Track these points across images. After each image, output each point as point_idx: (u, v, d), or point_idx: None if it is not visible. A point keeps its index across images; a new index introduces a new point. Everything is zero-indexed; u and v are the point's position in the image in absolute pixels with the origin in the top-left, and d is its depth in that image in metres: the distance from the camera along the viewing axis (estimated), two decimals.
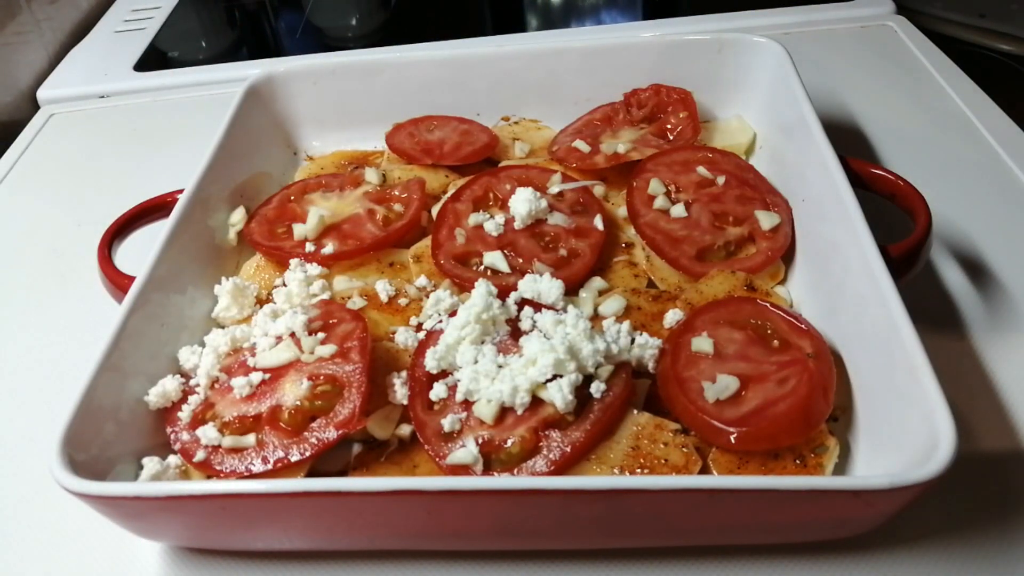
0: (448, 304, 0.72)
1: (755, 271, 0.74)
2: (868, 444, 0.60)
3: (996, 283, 0.78)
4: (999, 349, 0.71)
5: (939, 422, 0.51)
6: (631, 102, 0.94)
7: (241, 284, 0.76)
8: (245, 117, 0.90)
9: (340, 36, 1.45)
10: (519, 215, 0.78)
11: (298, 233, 0.81)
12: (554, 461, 0.58)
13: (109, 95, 1.25)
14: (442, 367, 0.65)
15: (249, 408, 0.64)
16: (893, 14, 1.22)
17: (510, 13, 1.47)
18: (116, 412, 0.62)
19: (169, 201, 0.79)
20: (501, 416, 0.61)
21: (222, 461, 0.61)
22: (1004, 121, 0.97)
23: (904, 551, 0.59)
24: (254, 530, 0.58)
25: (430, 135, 0.94)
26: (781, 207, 0.78)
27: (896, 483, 0.48)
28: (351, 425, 0.60)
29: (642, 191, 0.81)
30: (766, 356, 0.64)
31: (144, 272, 0.69)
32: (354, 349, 0.65)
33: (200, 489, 0.53)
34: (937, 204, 0.72)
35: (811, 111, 0.78)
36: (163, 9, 1.47)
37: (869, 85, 1.07)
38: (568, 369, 0.61)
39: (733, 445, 0.59)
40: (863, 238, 0.64)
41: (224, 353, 0.69)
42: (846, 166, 0.72)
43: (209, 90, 1.22)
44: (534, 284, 0.71)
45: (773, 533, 0.58)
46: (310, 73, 0.96)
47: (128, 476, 0.61)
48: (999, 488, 0.62)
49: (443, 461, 0.59)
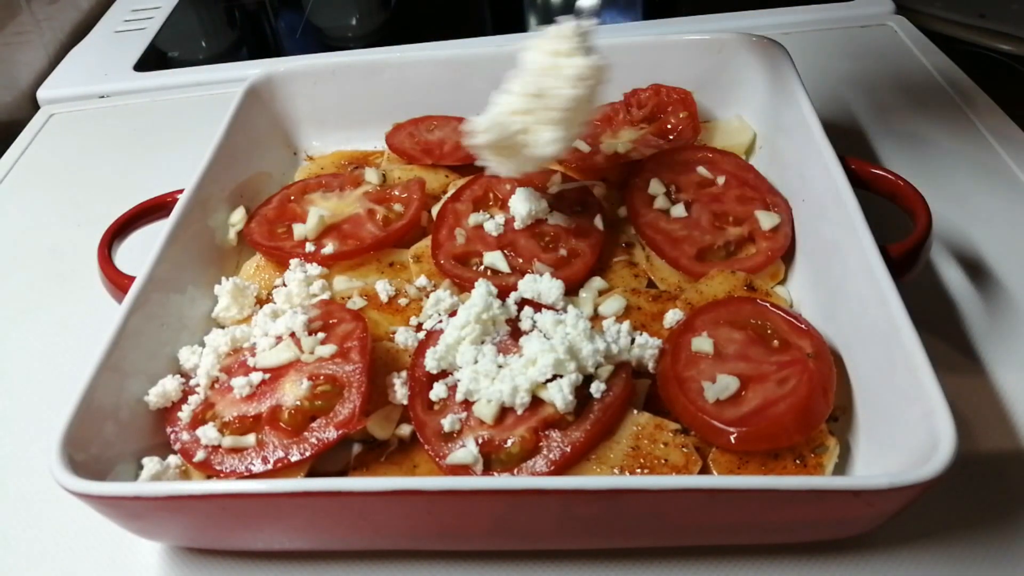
0: (448, 304, 0.72)
1: (755, 271, 0.74)
2: (868, 444, 0.60)
3: (996, 283, 0.78)
4: (999, 349, 0.71)
5: (939, 422, 0.51)
6: (631, 102, 0.94)
7: (241, 284, 0.76)
8: (245, 117, 0.90)
9: (340, 36, 1.45)
10: (519, 215, 0.78)
11: (298, 233, 0.81)
12: (554, 461, 0.58)
13: (109, 95, 1.25)
14: (442, 367, 0.65)
15: (249, 408, 0.64)
16: (893, 14, 1.22)
17: (510, 13, 1.47)
18: (116, 412, 0.62)
19: (169, 201, 0.79)
20: (501, 416, 0.61)
21: (222, 461, 0.61)
22: (1004, 121, 0.97)
23: (904, 551, 0.59)
24: (254, 530, 0.58)
25: (430, 135, 0.94)
26: (781, 207, 0.78)
27: (896, 483, 0.48)
28: (351, 425, 0.60)
29: (642, 191, 0.81)
30: (766, 356, 0.64)
31: (144, 272, 0.69)
32: (354, 349, 0.65)
33: (200, 489, 0.53)
34: (937, 204, 0.72)
35: (811, 111, 0.78)
36: (163, 9, 1.47)
37: (869, 85, 1.07)
38: (568, 369, 0.61)
39: (733, 445, 0.59)
40: (863, 238, 0.64)
41: (224, 353, 0.69)
42: (846, 166, 0.72)
43: (209, 90, 1.22)
44: (534, 284, 0.71)
45: (773, 533, 0.58)
46: (310, 73, 0.96)
47: (128, 476, 0.61)
48: (999, 488, 0.62)
49: (443, 461, 0.59)
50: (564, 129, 0.70)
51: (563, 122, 0.70)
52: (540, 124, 0.70)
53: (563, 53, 0.69)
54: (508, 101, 0.71)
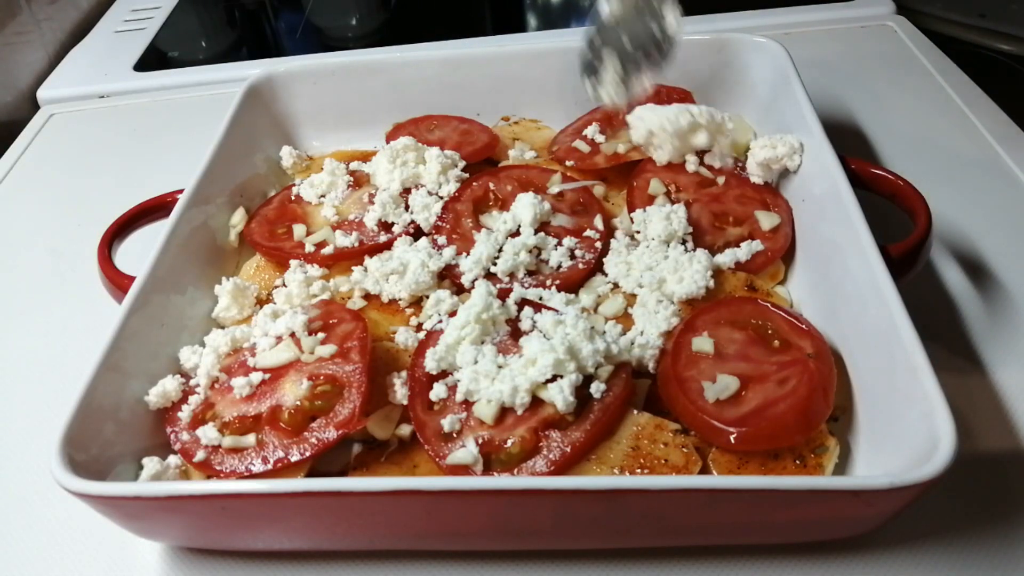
0: (448, 304, 0.72)
1: (755, 271, 0.74)
2: (868, 444, 0.60)
3: (996, 283, 0.78)
4: (999, 349, 0.71)
5: (939, 422, 0.51)
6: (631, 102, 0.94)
7: (241, 284, 0.76)
8: (245, 117, 0.90)
9: (340, 36, 1.45)
10: (524, 220, 0.78)
11: (298, 233, 0.81)
12: (554, 461, 0.58)
13: (109, 95, 1.25)
14: (442, 367, 0.65)
15: (249, 408, 0.64)
16: (893, 14, 1.22)
17: (510, 13, 1.47)
18: (116, 412, 0.62)
19: (169, 201, 0.79)
20: (501, 416, 0.61)
21: (222, 461, 0.61)
22: (1004, 121, 0.97)
23: (904, 551, 0.59)
24: (254, 530, 0.58)
25: (430, 135, 0.93)
26: (781, 207, 0.78)
27: (896, 483, 0.48)
28: (351, 425, 0.60)
29: (642, 191, 0.81)
30: (766, 356, 0.64)
31: (144, 272, 0.69)
32: (354, 349, 0.65)
33: (200, 489, 0.54)
34: (937, 204, 0.72)
35: (811, 111, 0.78)
36: (163, 9, 1.47)
37: (869, 85, 1.07)
38: (568, 369, 0.61)
39: (733, 445, 0.59)
40: (863, 238, 0.64)
41: (224, 353, 0.69)
42: (846, 166, 0.72)
43: (209, 90, 1.22)
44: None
45: (773, 533, 0.58)
46: (310, 73, 0.96)
47: (128, 476, 0.61)
48: (999, 488, 0.62)
49: (443, 461, 0.59)
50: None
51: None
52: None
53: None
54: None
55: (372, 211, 0.81)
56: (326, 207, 0.83)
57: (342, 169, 0.87)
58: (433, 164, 0.84)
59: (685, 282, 0.70)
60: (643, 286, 0.71)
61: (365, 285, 0.75)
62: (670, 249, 0.74)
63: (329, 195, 0.85)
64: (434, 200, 0.82)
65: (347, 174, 0.87)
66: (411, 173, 0.84)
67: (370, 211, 0.81)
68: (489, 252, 0.75)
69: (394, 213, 0.81)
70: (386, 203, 0.80)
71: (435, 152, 0.85)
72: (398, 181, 0.83)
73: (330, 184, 0.85)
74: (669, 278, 0.71)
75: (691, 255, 0.72)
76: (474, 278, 0.74)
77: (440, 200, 0.82)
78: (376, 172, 0.85)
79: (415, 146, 0.86)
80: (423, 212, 0.81)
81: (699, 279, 0.70)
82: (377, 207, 0.80)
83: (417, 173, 0.84)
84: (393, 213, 0.80)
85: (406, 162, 0.84)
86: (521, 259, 0.74)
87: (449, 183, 0.83)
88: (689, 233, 0.76)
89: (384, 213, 0.80)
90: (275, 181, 0.92)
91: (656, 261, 0.73)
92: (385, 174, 0.84)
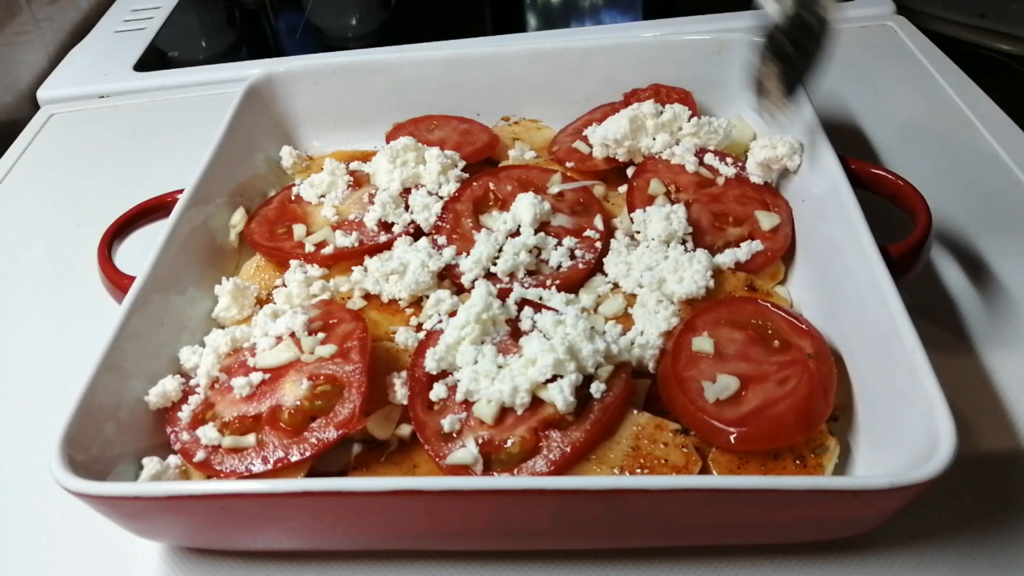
0: (448, 304, 0.72)
1: (755, 271, 0.74)
2: (868, 444, 0.60)
3: (996, 283, 0.78)
4: (999, 349, 0.71)
5: (939, 422, 0.51)
6: (631, 102, 0.93)
7: (241, 284, 0.76)
8: (245, 117, 0.90)
9: (340, 36, 1.45)
10: (524, 220, 0.78)
11: (298, 233, 0.81)
12: (554, 461, 0.58)
13: (109, 95, 1.25)
14: (442, 367, 0.65)
15: (249, 408, 0.64)
16: (893, 14, 1.22)
17: (510, 13, 1.47)
18: (116, 412, 0.62)
19: (169, 201, 0.79)
20: (501, 416, 0.61)
21: (222, 461, 0.61)
22: (1004, 121, 0.97)
23: (904, 551, 0.59)
24: (254, 530, 0.58)
25: (430, 135, 0.93)
26: (781, 207, 0.78)
27: (896, 483, 0.48)
28: (351, 425, 0.60)
29: (642, 191, 0.81)
30: (766, 356, 0.64)
31: (144, 272, 0.69)
32: (354, 349, 0.65)
33: (200, 489, 0.54)
34: (937, 204, 0.72)
35: (811, 111, 0.78)
36: (163, 9, 1.47)
37: (869, 85, 1.07)
38: (568, 369, 0.61)
39: (733, 445, 0.59)
40: (863, 238, 0.64)
41: (224, 353, 0.69)
42: (846, 166, 0.72)
43: (209, 90, 1.22)
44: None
45: (773, 533, 0.58)
46: (310, 73, 0.96)
47: (128, 476, 0.61)
48: (999, 488, 0.62)
49: (443, 461, 0.59)
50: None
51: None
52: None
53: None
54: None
55: (372, 211, 0.81)
56: (326, 207, 0.83)
57: (342, 169, 0.87)
58: (433, 164, 0.84)
59: (685, 282, 0.70)
60: (643, 286, 0.71)
61: (365, 285, 0.75)
62: (670, 249, 0.74)
63: (329, 195, 0.85)
64: (434, 200, 0.82)
65: (347, 174, 0.87)
66: (411, 173, 0.84)
67: (370, 211, 0.81)
68: (489, 252, 0.75)
69: (394, 213, 0.81)
70: (386, 203, 0.80)
71: (435, 152, 0.85)
72: (398, 181, 0.83)
73: (330, 184, 0.85)
74: (669, 278, 0.71)
75: (691, 255, 0.72)
76: (474, 278, 0.74)
77: (440, 200, 0.82)
78: (376, 172, 0.86)
79: (415, 146, 0.86)
80: (423, 212, 0.81)
81: (699, 279, 0.70)
82: (377, 207, 0.80)
83: (417, 173, 0.84)
84: (393, 213, 0.81)
85: (406, 162, 0.84)
86: (521, 259, 0.74)
87: (449, 183, 0.84)
88: (689, 233, 0.76)
89: (384, 213, 0.80)
90: (275, 181, 0.92)
91: (656, 261, 0.73)
92: (385, 174, 0.84)
